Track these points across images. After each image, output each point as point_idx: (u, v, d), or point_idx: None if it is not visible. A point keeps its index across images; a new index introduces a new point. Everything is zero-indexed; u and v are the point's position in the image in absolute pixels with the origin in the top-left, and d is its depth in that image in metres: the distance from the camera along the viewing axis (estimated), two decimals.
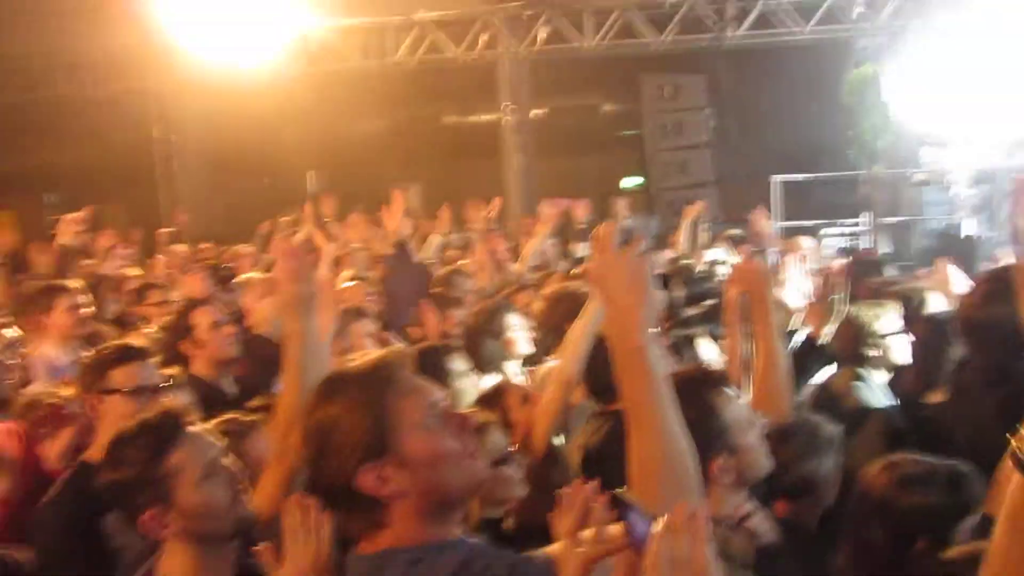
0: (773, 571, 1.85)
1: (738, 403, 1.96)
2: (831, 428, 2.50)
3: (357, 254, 6.00)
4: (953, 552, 1.61)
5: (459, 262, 5.76)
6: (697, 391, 1.88)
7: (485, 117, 12.12)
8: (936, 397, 3.21)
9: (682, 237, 7.05)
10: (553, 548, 1.41)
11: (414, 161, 12.04)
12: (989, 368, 2.56)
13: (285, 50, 10.50)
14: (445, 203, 7.20)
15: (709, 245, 7.06)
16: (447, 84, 12.14)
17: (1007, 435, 1.79)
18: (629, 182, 13.37)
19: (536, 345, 3.54)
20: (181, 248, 7.51)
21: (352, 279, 4.97)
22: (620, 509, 1.17)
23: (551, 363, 2.94)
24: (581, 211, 7.61)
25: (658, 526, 1.05)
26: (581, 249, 6.99)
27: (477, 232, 6.23)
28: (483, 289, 4.94)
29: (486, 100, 11.67)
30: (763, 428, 2.07)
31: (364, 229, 6.71)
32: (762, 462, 1.95)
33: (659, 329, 2.67)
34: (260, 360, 3.51)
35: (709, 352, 3.44)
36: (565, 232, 7.66)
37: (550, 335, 3.35)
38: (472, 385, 3.16)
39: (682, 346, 3.45)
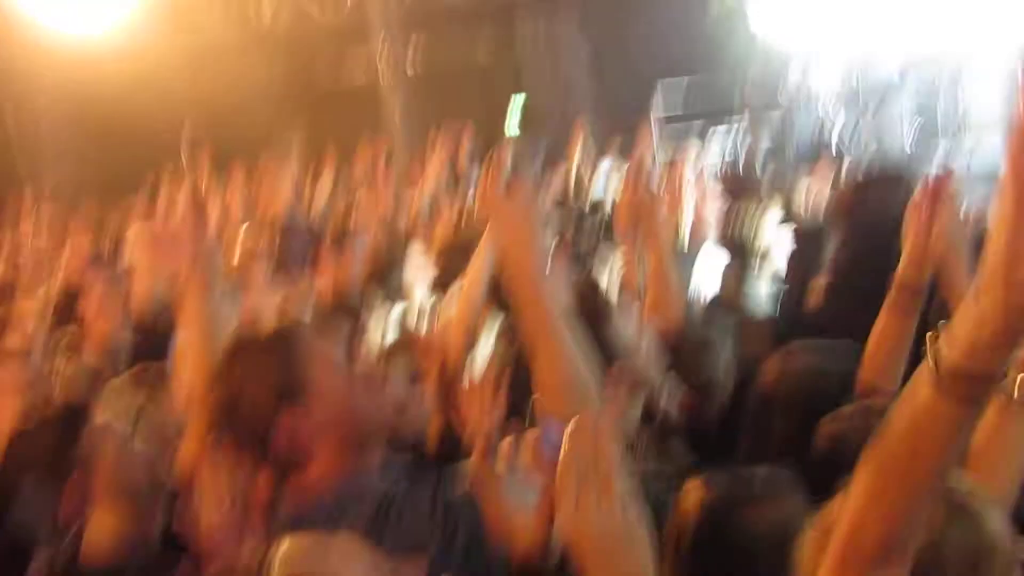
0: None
1: (626, 319, 2.04)
2: (722, 329, 2.62)
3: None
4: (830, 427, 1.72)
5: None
6: (586, 312, 1.96)
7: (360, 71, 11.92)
8: (813, 301, 3.41)
9: (575, 152, 7.12)
10: (471, 462, 1.49)
11: (292, 111, 11.76)
12: (862, 257, 2.70)
13: (142, 14, 10.00)
14: (328, 150, 7.12)
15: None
16: (318, 44, 11.89)
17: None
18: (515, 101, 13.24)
19: (439, 273, 3.60)
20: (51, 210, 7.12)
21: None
22: (536, 417, 1.24)
23: (456, 286, 2.98)
24: (466, 140, 7.60)
25: (571, 427, 1.11)
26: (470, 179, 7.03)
27: (370, 174, 6.19)
28: (383, 224, 4.94)
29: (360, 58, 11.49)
30: (653, 340, 2.17)
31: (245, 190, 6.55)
32: (651, 373, 2.03)
33: (559, 246, 2.75)
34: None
35: (609, 262, 3.56)
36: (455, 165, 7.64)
37: (452, 265, 3.41)
38: (384, 317, 3.24)
39: (584, 258, 3.57)
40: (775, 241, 3.58)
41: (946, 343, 0.87)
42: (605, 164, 6.73)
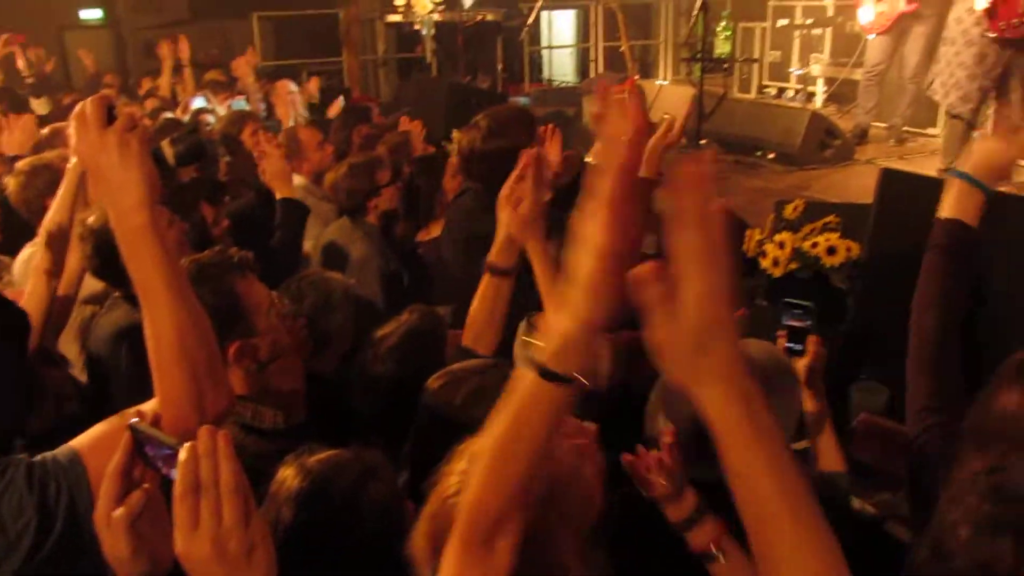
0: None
1: (259, 286, 1.90)
2: (342, 282, 2.56)
3: None
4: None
5: None
6: (218, 276, 1.81)
7: None
8: (430, 234, 3.55)
9: (164, 82, 6.57)
10: (78, 443, 1.31)
11: None
12: (481, 195, 2.81)
13: None
14: None
15: (194, 91, 6.67)
16: None
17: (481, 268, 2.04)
18: (89, 15, 11.77)
19: (10, 228, 3.10)
20: None
21: None
22: (137, 440, 1.10)
23: (29, 250, 2.62)
24: (27, 55, 6.61)
25: (183, 453, 1.02)
26: (35, 104, 6.21)
27: None
28: None
29: None
30: (284, 307, 2.07)
31: None
32: (283, 341, 1.92)
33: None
34: None
35: None
36: (11, 78, 6.66)
37: (30, 215, 2.98)
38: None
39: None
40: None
41: (537, 348, 0.97)
42: (199, 99, 6.29)
